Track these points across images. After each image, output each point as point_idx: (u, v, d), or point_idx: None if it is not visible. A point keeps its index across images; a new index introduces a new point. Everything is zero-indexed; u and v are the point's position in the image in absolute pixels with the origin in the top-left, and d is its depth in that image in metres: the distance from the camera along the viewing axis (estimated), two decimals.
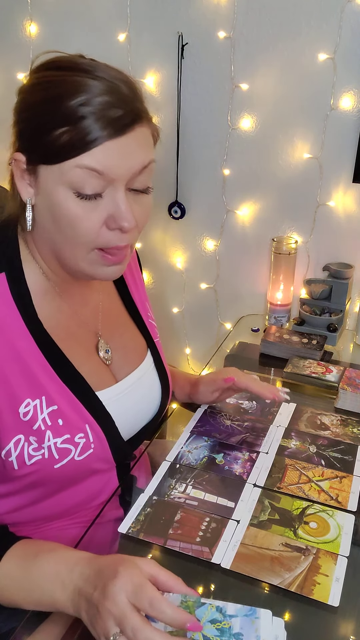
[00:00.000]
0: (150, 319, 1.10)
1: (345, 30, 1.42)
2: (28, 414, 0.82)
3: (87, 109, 0.73)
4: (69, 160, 0.74)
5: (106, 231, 0.78)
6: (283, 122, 1.57)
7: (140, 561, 0.68)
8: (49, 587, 0.71)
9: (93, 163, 0.74)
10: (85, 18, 1.67)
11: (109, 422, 0.90)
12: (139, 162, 0.77)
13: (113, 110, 0.74)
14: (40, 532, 0.92)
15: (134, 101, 0.77)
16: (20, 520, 0.91)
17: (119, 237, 0.79)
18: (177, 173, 1.74)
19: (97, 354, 0.94)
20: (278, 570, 0.82)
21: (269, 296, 1.68)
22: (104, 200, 0.77)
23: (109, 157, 0.74)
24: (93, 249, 0.79)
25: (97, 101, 0.73)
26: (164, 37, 1.60)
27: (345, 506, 0.94)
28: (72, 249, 0.80)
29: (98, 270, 0.82)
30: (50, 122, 0.74)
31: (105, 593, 0.64)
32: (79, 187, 0.75)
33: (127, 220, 0.77)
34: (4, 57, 1.83)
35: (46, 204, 0.78)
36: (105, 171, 0.74)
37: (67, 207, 0.76)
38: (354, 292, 1.66)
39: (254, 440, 1.09)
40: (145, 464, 1.10)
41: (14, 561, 0.75)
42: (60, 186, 0.75)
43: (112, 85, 0.75)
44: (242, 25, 1.52)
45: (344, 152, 1.53)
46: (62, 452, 0.84)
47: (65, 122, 0.73)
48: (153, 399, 1.03)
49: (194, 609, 0.68)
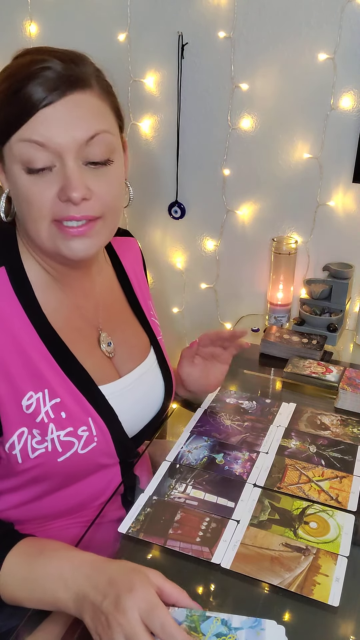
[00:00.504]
0: (153, 317, 1.10)
1: (345, 30, 1.42)
2: (31, 407, 0.82)
3: (26, 81, 0.74)
4: (14, 135, 0.75)
5: (59, 203, 0.78)
6: (283, 122, 1.57)
7: (150, 572, 0.69)
8: (51, 586, 0.71)
9: (33, 135, 0.74)
10: (85, 18, 1.67)
11: (112, 416, 0.90)
12: (82, 131, 0.76)
13: (52, 80, 0.75)
14: (43, 531, 0.93)
15: (74, 69, 0.77)
16: (24, 518, 0.91)
17: (73, 209, 0.78)
18: (177, 173, 1.74)
19: (100, 347, 0.94)
20: (278, 570, 0.82)
21: (269, 296, 1.68)
22: (55, 174, 0.77)
23: (48, 126, 0.75)
24: (50, 223, 0.79)
25: (37, 73, 0.74)
26: (164, 37, 1.60)
27: (345, 506, 0.94)
28: (33, 226, 0.80)
29: (60, 244, 0.81)
30: (0, 102, 0.76)
31: (119, 606, 0.64)
32: (27, 161, 0.76)
33: (76, 190, 0.76)
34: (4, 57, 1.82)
35: (11, 188, 0.80)
36: (46, 142, 0.75)
37: (21, 184, 0.77)
38: (354, 292, 1.66)
39: (254, 440, 1.09)
40: (146, 464, 1.10)
41: (18, 558, 0.75)
42: (14, 164, 0.77)
43: (56, 59, 0.76)
44: (242, 25, 1.52)
45: (344, 152, 1.53)
46: (65, 445, 0.84)
47: (8, 97, 0.75)
48: (156, 397, 1.03)
49: (199, 622, 0.68)
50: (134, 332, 1.03)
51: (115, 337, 0.98)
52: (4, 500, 0.89)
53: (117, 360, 0.97)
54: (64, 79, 0.75)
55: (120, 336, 0.99)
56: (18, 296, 0.83)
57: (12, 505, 0.89)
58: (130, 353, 0.99)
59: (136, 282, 1.08)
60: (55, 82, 0.75)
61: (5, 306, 0.82)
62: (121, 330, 1.00)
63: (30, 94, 0.74)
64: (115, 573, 0.68)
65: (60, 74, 0.75)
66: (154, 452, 1.14)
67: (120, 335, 0.99)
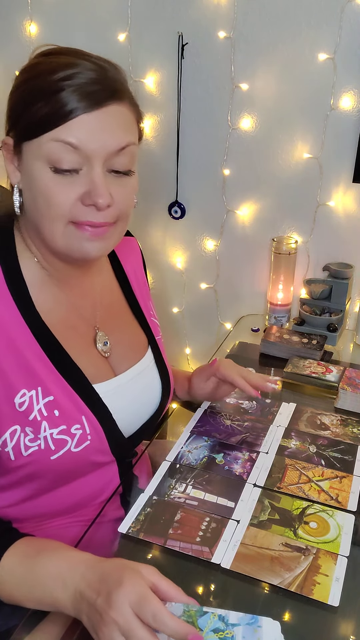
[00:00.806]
0: (153, 317, 1.10)
1: (345, 30, 1.42)
2: (24, 405, 0.82)
3: (65, 82, 0.75)
4: (46, 134, 0.76)
5: (80, 206, 0.79)
6: (283, 122, 1.57)
7: (143, 568, 0.69)
8: (50, 586, 0.71)
9: (69, 137, 0.75)
10: (86, 18, 1.67)
11: (106, 414, 0.90)
12: (115, 140, 0.78)
13: (92, 85, 0.76)
14: (41, 530, 0.92)
15: (114, 81, 0.79)
16: (21, 516, 0.91)
17: (94, 214, 0.80)
18: (177, 173, 1.74)
19: (95, 346, 0.95)
20: (278, 570, 0.82)
21: (269, 296, 1.68)
22: (80, 177, 0.78)
23: (85, 131, 0.76)
24: (67, 223, 0.80)
25: (77, 76, 0.76)
26: (164, 37, 1.60)
27: (345, 506, 0.94)
28: (49, 225, 0.80)
29: (75, 245, 0.82)
30: (31, 98, 0.76)
31: (110, 602, 0.64)
32: (55, 161, 0.76)
33: (102, 196, 0.78)
34: (4, 57, 1.82)
35: (27, 183, 0.80)
36: (80, 145, 0.76)
37: (44, 182, 0.77)
38: (354, 292, 1.66)
39: (254, 440, 1.09)
40: (146, 464, 1.10)
41: (17, 558, 0.75)
42: (38, 161, 0.77)
43: (95, 65, 0.78)
44: (242, 25, 1.52)
45: (344, 152, 1.53)
46: (58, 443, 0.84)
47: (44, 96, 0.75)
48: (153, 396, 1.03)
49: (196, 618, 0.68)
50: (131, 331, 1.03)
51: (113, 336, 0.98)
52: (1, 498, 0.89)
53: (113, 359, 0.97)
54: (105, 89, 0.77)
55: (118, 335, 0.99)
56: (12, 294, 0.83)
57: (9, 503, 0.89)
58: (126, 352, 0.99)
59: (135, 281, 1.08)
60: (96, 92, 0.76)
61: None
62: (119, 330, 1.00)
63: (70, 98, 0.75)
64: (107, 570, 0.69)
65: (102, 83, 0.77)
66: (154, 452, 1.14)
67: (118, 335, 0.99)
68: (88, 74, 0.77)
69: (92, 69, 0.78)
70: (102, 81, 0.77)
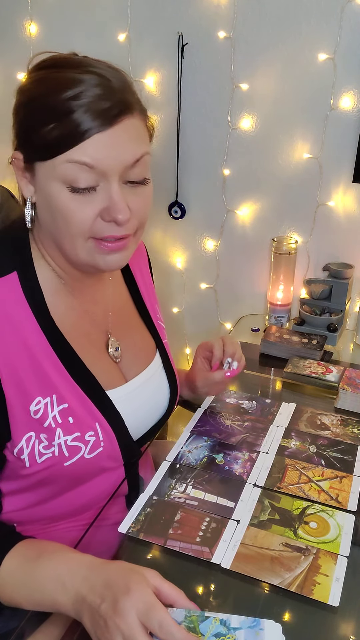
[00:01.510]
0: (159, 320, 1.10)
1: (345, 30, 1.42)
2: (39, 412, 0.82)
3: (75, 102, 0.73)
4: (60, 156, 0.75)
5: (100, 222, 0.79)
6: (283, 122, 1.57)
7: (147, 572, 0.68)
8: (50, 589, 0.71)
9: (83, 157, 0.74)
10: (86, 18, 1.67)
11: (119, 421, 0.90)
12: (130, 154, 0.77)
13: (101, 102, 0.74)
14: (46, 533, 0.93)
15: (122, 93, 0.77)
16: (29, 519, 0.91)
17: (115, 229, 0.79)
18: (177, 173, 1.74)
19: (107, 352, 0.95)
20: (278, 570, 0.82)
21: (269, 296, 1.68)
22: (98, 194, 0.77)
23: (99, 150, 0.75)
24: (88, 239, 0.80)
25: (85, 94, 0.74)
26: (164, 37, 1.60)
27: (345, 506, 0.94)
28: (70, 241, 0.80)
29: (98, 259, 0.82)
30: (41, 119, 0.75)
31: (116, 609, 0.64)
32: (72, 181, 0.75)
33: (122, 212, 0.77)
34: (4, 57, 1.82)
35: (44, 200, 0.79)
36: (96, 165, 0.75)
37: (61, 202, 0.77)
38: (354, 292, 1.66)
39: (254, 440, 1.09)
40: (149, 464, 1.10)
41: (17, 560, 0.75)
42: (54, 181, 0.76)
43: (100, 79, 0.76)
44: (242, 25, 1.52)
45: (344, 152, 1.53)
46: (72, 450, 0.84)
47: (55, 117, 0.74)
48: (161, 400, 1.03)
49: (198, 623, 0.68)
50: (141, 336, 1.03)
51: (123, 341, 0.98)
52: (10, 502, 0.89)
53: (124, 364, 0.97)
54: (116, 104, 0.75)
55: (128, 340, 0.99)
56: (29, 301, 0.83)
57: (18, 507, 0.89)
58: (136, 357, 0.99)
59: (143, 284, 1.07)
60: (108, 109, 0.74)
61: (17, 311, 0.82)
62: (129, 335, 1.00)
63: (83, 118, 0.73)
64: (112, 574, 0.68)
65: (111, 98, 0.75)
66: (154, 452, 1.14)
67: (128, 340, 0.99)
68: (95, 91, 0.74)
69: (98, 83, 0.75)
70: (111, 96, 0.75)
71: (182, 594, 0.69)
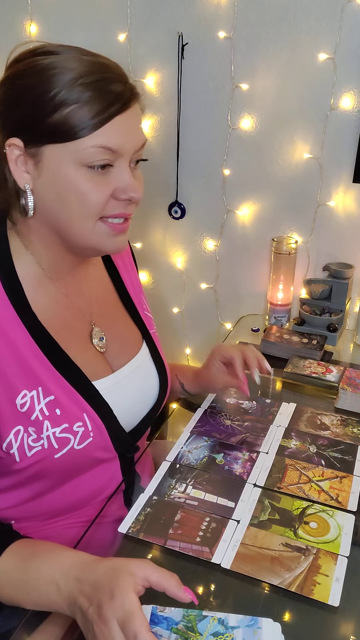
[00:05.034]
0: (146, 310, 1.10)
1: (345, 30, 1.42)
2: (25, 405, 0.82)
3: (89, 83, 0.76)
4: (82, 139, 0.76)
5: (113, 201, 0.81)
6: (283, 122, 1.57)
7: (135, 567, 0.67)
8: (45, 589, 0.71)
9: (107, 142, 0.77)
10: (86, 18, 1.67)
11: (107, 410, 0.90)
12: (142, 136, 0.83)
13: (114, 84, 0.78)
14: (44, 531, 0.92)
15: (127, 77, 0.82)
16: (26, 516, 0.91)
17: (125, 207, 0.83)
18: (177, 173, 1.74)
19: (92, 342, 0.95)
20: (278, 570, 0.82)
21: (269, 296, 1.68)
22: (111, 175, 0.80)
23: (119, 133, 0.78)
24: (97, 220, 0.82)
25: (97, 77, 0.76)
26: (164, 37, 1.60)
27: (346, 506, 0.94)
28: (80, 223, 0.81)
29: (107, 242, 0.84)
30: (54, 102, 0.75)
31: (100, 614, 0.64)
32: (91, 163, 0.78)
33: (136, 191, 0.82)
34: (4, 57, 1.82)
35: (50, 184, 0.79)
36: (117, 148, 0.78)
37: (79, 183, 0.78)
38: (354, 292, 1.66)
39: (254, 440, 1.09)
40: (149, 463, 1.10)
41: (12, 561, 0.75)
42: (71, 164, 0.78)
43: (104, 62, 0.80)
44: (242, 25, 1.52)
45: (344, 152, 1.53)
46: (61, 442, 0.84)
47: (72, 100, 0.75)
48: (151, 390, 1.03)
49: (196, 622, 0.67)
50: (126, 326, 1.04)
51: (108, 331, 0.98)
52: (5, 499, 0.89)
53: (110, 354, 0.97)
54: (128, 89, 0.79)
55: (114, 331, 0.99)
56: (8, 295, 0.83)
57: (12, 504, 0.89)
58: (122, 347, 0.99)
59: (127, 275, 1.08)
60: (122, 92, 0.78)
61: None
62: (114, 325, 1.00)
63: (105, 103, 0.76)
64: (100, 576, 0.67)
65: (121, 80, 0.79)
66: (154, 452, 1.14)
67: (114, 330, 0.99)
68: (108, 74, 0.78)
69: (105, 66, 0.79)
70: (122, 80, 0.79)
71: (172, 581, 0.67)
